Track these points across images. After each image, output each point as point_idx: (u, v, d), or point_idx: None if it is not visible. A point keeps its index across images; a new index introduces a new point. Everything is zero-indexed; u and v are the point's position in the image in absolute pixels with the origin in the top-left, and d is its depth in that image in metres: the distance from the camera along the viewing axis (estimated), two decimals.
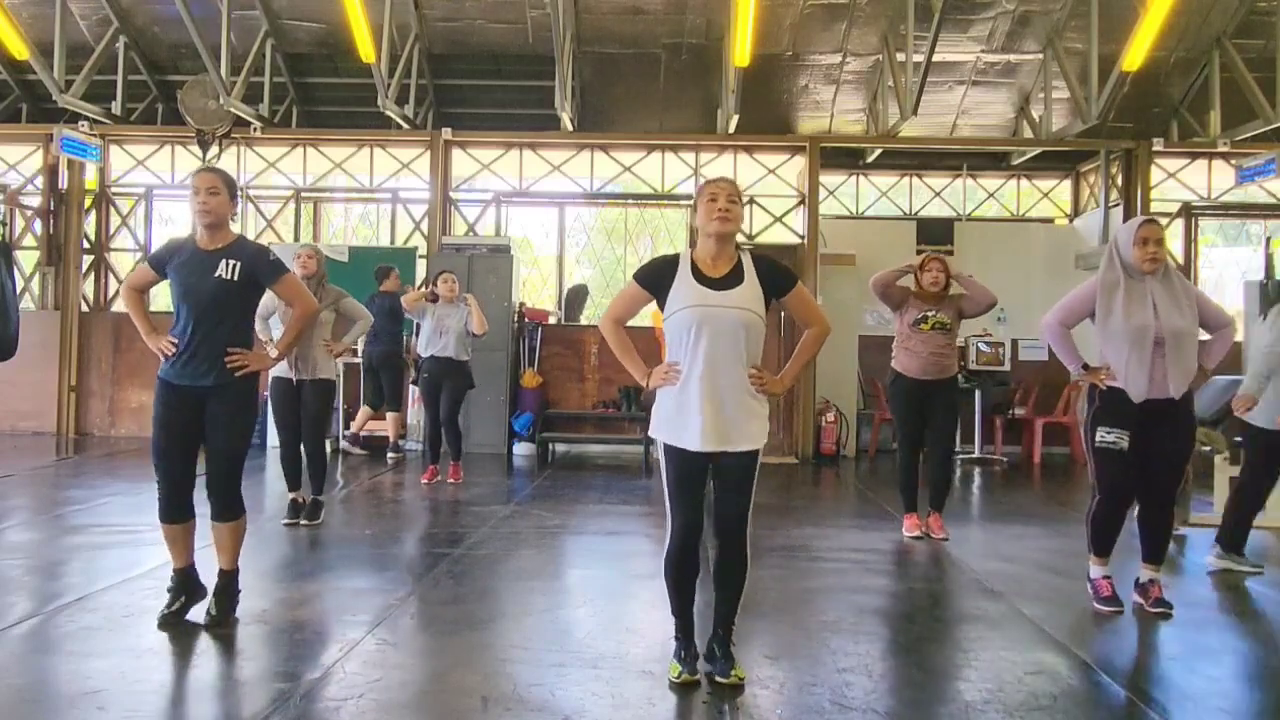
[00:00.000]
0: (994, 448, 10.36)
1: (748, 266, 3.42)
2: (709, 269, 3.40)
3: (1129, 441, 4.37)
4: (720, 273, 3.39)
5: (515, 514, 6.81)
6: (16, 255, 10.22)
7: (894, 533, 6.24)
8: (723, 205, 3.36)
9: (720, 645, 3.45)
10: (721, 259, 3.41)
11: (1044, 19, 9.83)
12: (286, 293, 4.19)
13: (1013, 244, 11.29)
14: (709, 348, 3.31)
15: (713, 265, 3.41)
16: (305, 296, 4.28)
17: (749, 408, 3.36)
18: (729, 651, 3.44)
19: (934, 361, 6.06)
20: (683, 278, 3.40)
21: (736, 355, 3.33)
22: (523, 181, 11.43)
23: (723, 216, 3.35)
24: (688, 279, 3.39)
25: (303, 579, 4.93)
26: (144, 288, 4.20)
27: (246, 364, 3.98)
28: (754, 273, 3.41)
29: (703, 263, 3.42)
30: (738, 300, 3.34)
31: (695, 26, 10.13)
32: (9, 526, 6.02)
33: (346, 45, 9.53)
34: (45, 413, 10.96)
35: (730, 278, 3.38)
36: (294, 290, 4.22)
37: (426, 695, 3.35)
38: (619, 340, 3.53)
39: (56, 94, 9.88)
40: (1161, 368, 4.30)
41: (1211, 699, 3.45)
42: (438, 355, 7.64)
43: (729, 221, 3.36)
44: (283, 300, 4.15)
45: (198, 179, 4.01)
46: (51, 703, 3.20)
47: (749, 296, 3.36)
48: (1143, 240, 4.33)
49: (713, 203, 3.37)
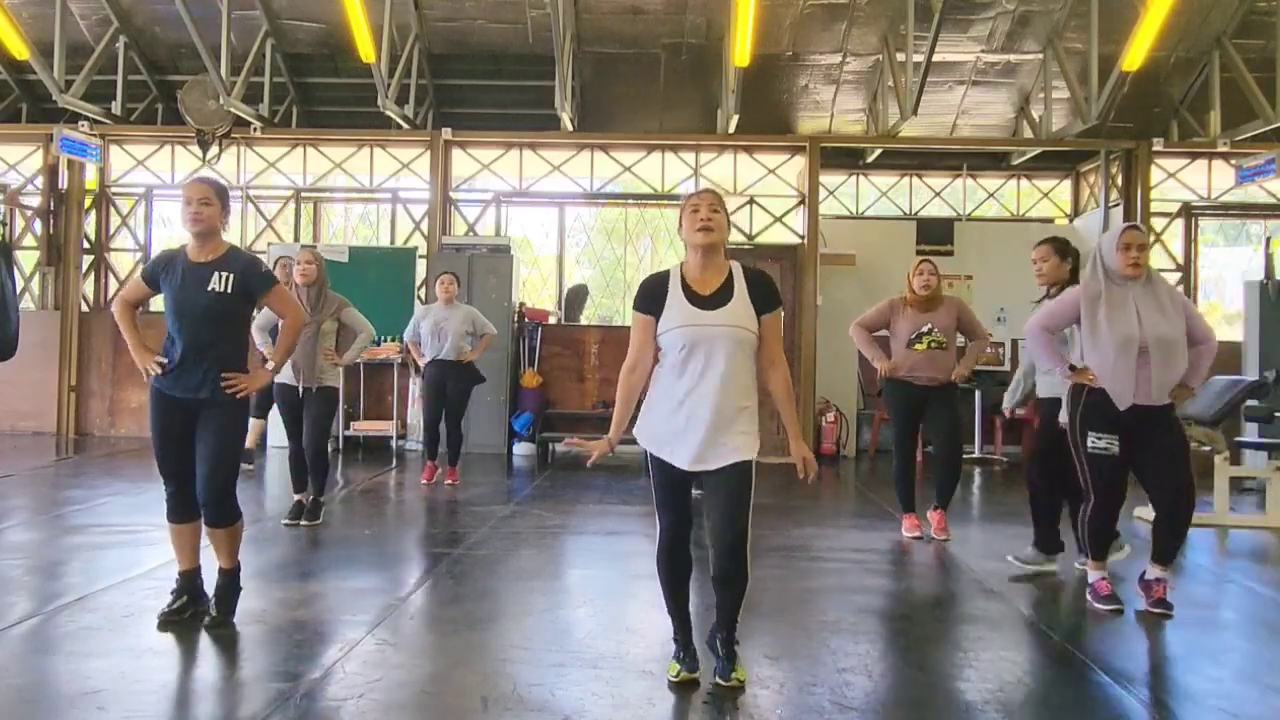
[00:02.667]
0: (994, 448, 10.36)
1: (738, 279, 3.37)
2: (699, 285, 3.36)
3: (1119, 447, 4.37)
4: (711, 288, 3.35)
5: (515, 514, 6.81)
6: (16, 255, 10.23)
7: (894, 533, 6.24)
8: (704, 215, 3.31)
9: (724, 648, 3.44)
10: (710, 271, 3.36)
11: (1044, 19, 9.83)
12: (277, 304, 4.18)
13: (1013, 244, 11.22)
14: (699, 367, 3.28)
15: (702, 280, 3.36)
16: (295, 308, 4.26)
17: (738, 426, 3.31)
18: (731, 653, 3.43)
19: (931, 367, 6.01)
20: (674, 296, 3.35)
21: (728, 374, 3.28)
22: (523, 181, 11.44)
23: (705, 227, 3.30)
24: (679, 297, 3.34)
25: (303, 579, 4.93)
26: (137, 302, 4.14)
27: (243, 387, 3.97)
28: (744, 286, 3.36)
29: (693, 279, 3.37)
30: (728, 318, 3.30)
31: (695, 26, 10.13)
32: (9, 526, 6.02)
33: (346, 45, 9.52)
34: (45, 413, 10.96)
35: (721, 294, 3.34)
36: (284, 302, 4.20)
37: (426, 695, 3.34)
38: (626, 394, 3.43)
39: (56, 94, 9.88)
40: (1147, 374, 4.30)
41: (1211, 699, 3.45)
42: (439, 359, 7.62)
43: (712, 232, 3.31)
44: (274, 312, 4.15)
45: (189, 189, 3.99)
46: (51, 703, 3.20)
47: (740, 313, 3.32)
48: (1125, 246, 4.35)
49: (695, 214, 3.33)
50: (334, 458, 9.35)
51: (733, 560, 3.32)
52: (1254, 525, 6.77)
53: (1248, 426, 8.41)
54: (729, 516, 3.31)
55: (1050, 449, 5.08)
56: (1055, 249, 5.32)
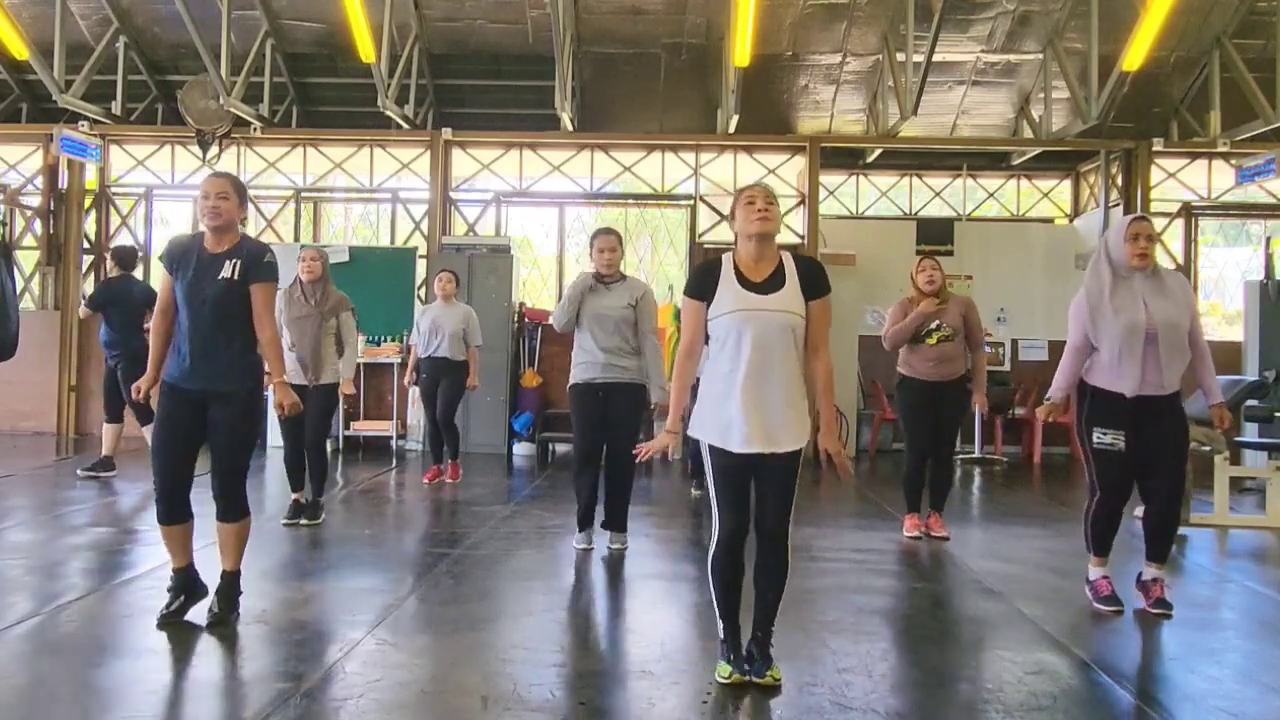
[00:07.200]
0: (994, 448, 10.36)
1: (789, 268, 3.45)
2: (751, 272, 3.43)
3: (1125, 441, 4.38)
4: (763, 275, 3.42)
5: (515, 514, 6.81)
6: (16, 255, 10.22)
7: (894, 533, 6.24)
8: (761, 206, 3.40)
9: (759, 647, 3.46)
10: (763, 261, 3.44)
11: (1044, 19, 9.83)
12: (258, 301, 3.99)
13: (1013, 244, 11.29)
14: (753, 351, 3.33)
15: (755, 268, 3.43)
16: (269, 322, 4.06)
17: (793, 409, 3.37)
18: (767, 653, 3.45)
19: (943, 364, 6.04)
20: (726, 281, 3.43)
21: (780, 357, 3.35)
22: (523, 181, 11.43)
23: (763, 217, 3.39)
24: (732, 283, 3.42)
25: (303, 579, 4.93)
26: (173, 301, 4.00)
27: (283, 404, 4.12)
28: (795, 274, 3.43)
29: (745, 266, 3.44)
30: (781, 304, 3.37)
31: (695, 26, 10.13)
32: (9, 526, 6.02)
33: (346, 45, 9.52)
34: (45, 413, 10.96)
35: (773, 280, 3.41)
36: (264, 307, 4.02)
37: (426, 695, 3.34)
38: (682, 386, 3.52)
39: (56, 94, 9.88)
40: (1155, 363, 4.30)
41: (1211, 699, 3.45)
42: (433, 356, 7.65)
43: (769, 221, 3.40)
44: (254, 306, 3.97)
45: (208, 184, 3.98)
46: (51, 703, 3.20)
47: (791, 299, 3.39)
48: (1134, 236, 4.34)
49: (751, 205, 3.41)
50: (334, 458, 9.35)
51: (779, 548, 3.41)
52: (1254, 525, 6.77)
53: (1248, 426, 8.41)
54: (780, 505, 3.40)
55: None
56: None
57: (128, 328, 7.75)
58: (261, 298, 4.00)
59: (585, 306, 5.43)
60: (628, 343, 5.42)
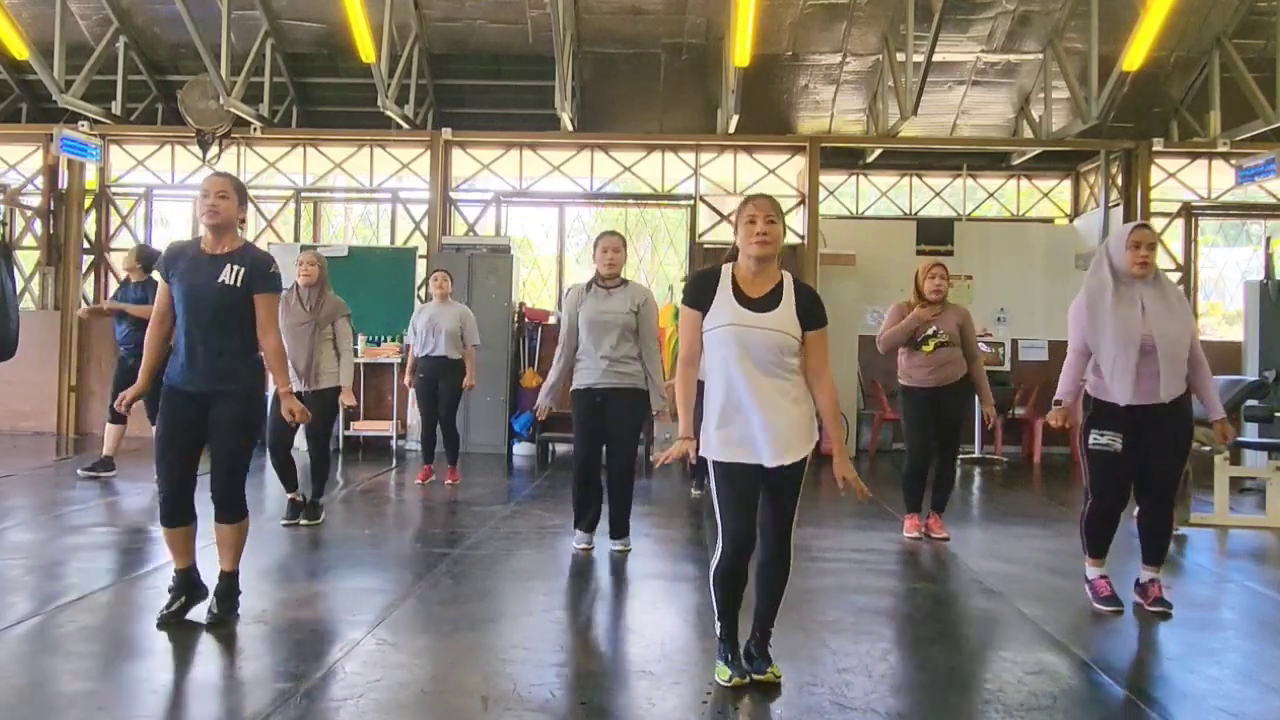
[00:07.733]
0: (994, 448, 10.36)
1: (788, 290, 3.42)
2: (750, 287, 3.41)
3: (1122, 444, 4.37)
4: (760, 292, 3.40)
5: (515, 514, 6.81)
6: (16, 255, 10.22)
7: (894, 533, 6.24)
8: (761, 229, 3.35)
9: (758, 646, 3.47)
10: (762, 278, 3.42)
11: (1044, 19, 9.83)
12: (262, 312, 4.01)
13: (1013, 244, 11.29)
14: (746, 366, 3.33)
15: (753, 283, 3.41)
16: (274, 331, 4.08)
17: (794, 418, 3.37)
18: (766, 652, 3.47)
19: (941, 369, 6.03)
20: (723, 294, 3.41)
21: (775, 369, 3.35)
22: (523, 181, 11.43)
23: (761, 240, 3.35)
24: (728, 296, 3.40)
25: (303, 579, 4.93)
26: (170, 308, 4.00)
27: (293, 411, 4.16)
28: (793, 298, 3.40)
29: (744, 280, 3.42)
30: (774, 323, 3.35)
31: (695, 26, 10.13)
32: (9, 526, 6.02)
33: (346, 45, 9.52)
34: (45, 413, 10.96)
35: (769, 299, 3.39)
36: (268, 318, 4.04)
37: (426, 695, 3.34)
38: (686, 391, 3.48)
39: (56, 94, 9.87)
40: (1152, 372, 4.30)
41: (1211, 699, 3.45)
42: (431, 355, 7.64)
43: (768, 245, 3.36)
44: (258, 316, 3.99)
45: (208, 183, 3.98)
46: (51, 703, 3.20)
47: (785, 320, 3.37)
48: (1135, 244, 4.34)
49: (751, 225, 3.37)
50: (334, 458, 9.35)
51: (782, 547, 3.43)
52: (1254, 525, 6.77)
53: (1248, 426, 8.40)
54: (786, 508, 3.41)
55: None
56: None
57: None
58: (266, 309, 4.02)
59: (584, 311, 5.41)
60: (629, 347, 5.40)
